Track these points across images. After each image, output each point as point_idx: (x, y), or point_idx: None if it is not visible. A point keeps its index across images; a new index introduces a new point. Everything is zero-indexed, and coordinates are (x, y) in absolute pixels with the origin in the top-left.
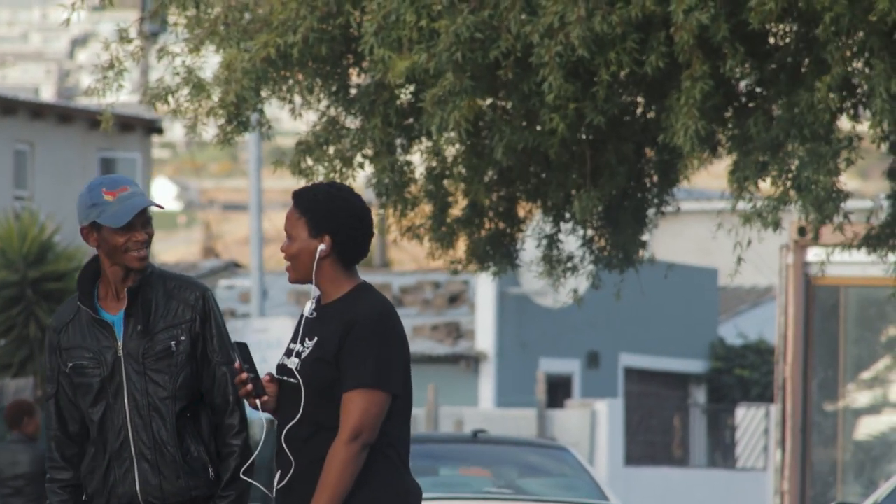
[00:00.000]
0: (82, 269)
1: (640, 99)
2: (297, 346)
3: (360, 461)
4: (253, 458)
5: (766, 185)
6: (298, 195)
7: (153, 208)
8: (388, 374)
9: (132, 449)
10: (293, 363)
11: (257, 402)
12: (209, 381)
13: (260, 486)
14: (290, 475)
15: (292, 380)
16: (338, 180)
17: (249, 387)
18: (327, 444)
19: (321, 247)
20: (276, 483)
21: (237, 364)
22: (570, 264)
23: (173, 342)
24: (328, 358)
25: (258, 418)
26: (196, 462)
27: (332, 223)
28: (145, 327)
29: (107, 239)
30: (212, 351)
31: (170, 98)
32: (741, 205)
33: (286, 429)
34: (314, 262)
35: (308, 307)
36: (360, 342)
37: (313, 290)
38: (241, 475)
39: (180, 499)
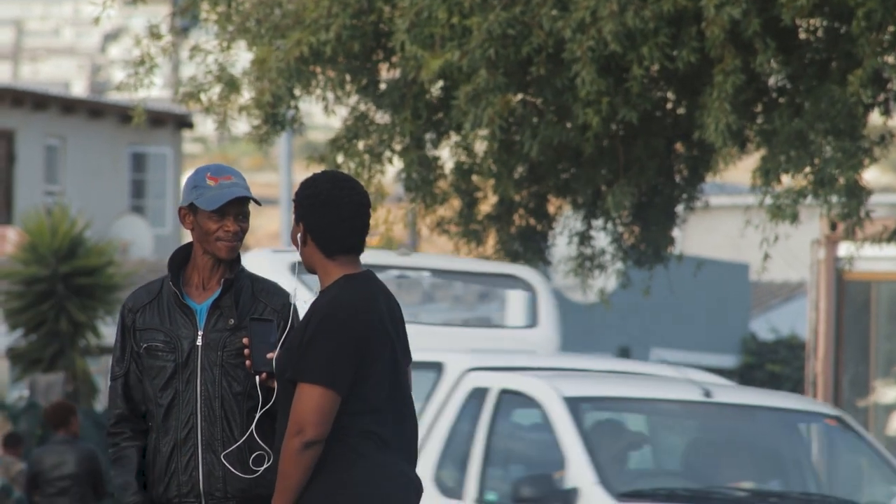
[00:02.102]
0: (173, 252)
1: (670, 94)
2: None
3: (306, 456)
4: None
5: (788, 179)
6: None
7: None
8: (328, 371)
9: (199, 439)
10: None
11: (257, 378)
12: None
13: (238, 473)
14: (269, 464)
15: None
16: (366, 175)
17: (248, 363)
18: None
19: (298, 234)
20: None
21: (245, 340)
22: (599, 262)
23: None
24: (293, 348)
25: None
26: (262, 461)
27: (301, 210)
28: (238, 322)
29: (200, 223)
30: None
31: (202, 96)
32: (767, 200)
33: (256, 417)
34: (298, 250)
35: (292, 295)
36: (306, 340)
37: (295, 277)
38: (221, 457)
39: (243, 495)
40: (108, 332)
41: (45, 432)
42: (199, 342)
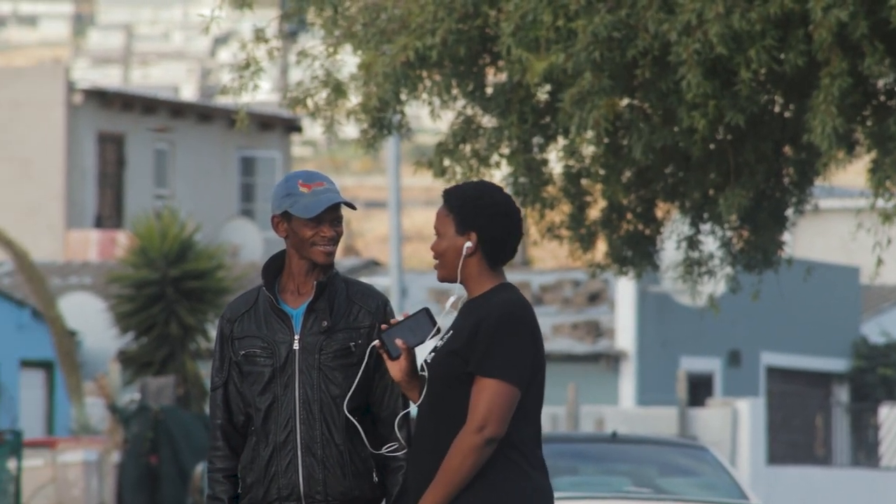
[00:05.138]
0: (268, 260)
1: (777, 97)
2: (438, 342)
3: (482, 453)
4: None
5: None
6: (447, 193)
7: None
8: (514, 368)
9: (298, 442)
10: (428, 357)
11: (375, 342)
12: (380, 392)
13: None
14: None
15: (423, 372)
16: (474, 180)
17: (377, 342)
18: (450, 437)
19: (467, 244)
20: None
21: (382, 329)
22: (708, 267)
23: (352, 343)
24: (459, 350)
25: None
26: (362, 464)
27: (477, 220)
28: (332, 325)
29: (296, 230)
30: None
31: (308, 101)
32: (880, 203)
33: (399, 415)
34: (460, 260)
35: (448, 304)
36: (487, 336)
37: (456, 288)
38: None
39: (343, 498)
40: None
41: (157, 435)
42: (295, 346)
